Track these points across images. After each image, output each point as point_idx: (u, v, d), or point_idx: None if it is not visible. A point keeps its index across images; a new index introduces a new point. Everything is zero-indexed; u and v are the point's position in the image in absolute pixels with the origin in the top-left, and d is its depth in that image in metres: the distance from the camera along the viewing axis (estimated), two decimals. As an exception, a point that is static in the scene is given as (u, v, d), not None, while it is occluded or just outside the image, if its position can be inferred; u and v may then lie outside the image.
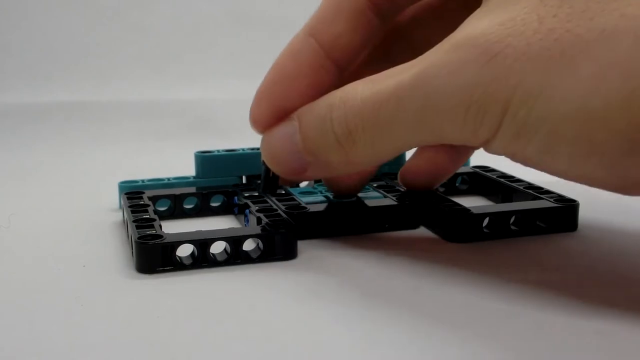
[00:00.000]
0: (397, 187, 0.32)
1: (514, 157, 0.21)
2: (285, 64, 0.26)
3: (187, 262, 0.25)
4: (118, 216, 0.32)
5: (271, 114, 0.26)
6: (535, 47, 0.19)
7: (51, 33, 0.63)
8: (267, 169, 0.27)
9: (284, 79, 0.26)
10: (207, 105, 0.61)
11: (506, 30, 0.20)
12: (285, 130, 0.25)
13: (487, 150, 0.21)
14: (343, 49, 0.26)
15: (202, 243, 0.25)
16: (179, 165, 0.38)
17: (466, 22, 0.22)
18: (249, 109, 0.26)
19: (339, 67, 0.26)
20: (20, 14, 0.64)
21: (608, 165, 0.19)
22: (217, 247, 0.26)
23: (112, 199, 0.34)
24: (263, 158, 0.26)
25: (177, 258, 0.25)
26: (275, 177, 0.27)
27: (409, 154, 0.30)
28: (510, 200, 0.32)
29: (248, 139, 0.49)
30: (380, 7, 0.26)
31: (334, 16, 0.25)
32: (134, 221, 0.27)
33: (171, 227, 0.29)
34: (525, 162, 0.21)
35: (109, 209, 0.33)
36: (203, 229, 0.26)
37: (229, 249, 0.26)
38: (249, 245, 0.26)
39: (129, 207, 0.29)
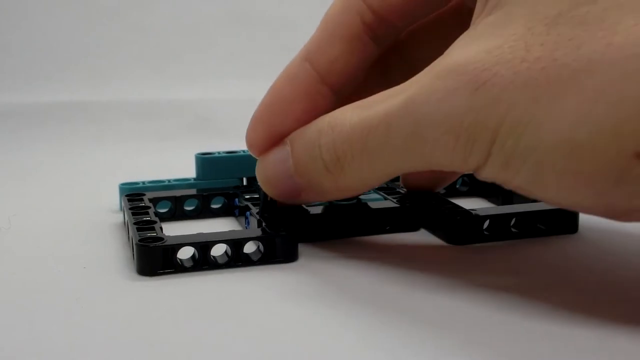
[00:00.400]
0: (397, 190, 0.32)
1: (505, 185, 0.21)
2: (282, 89, 0.26)
3: (188, 264, 0.25)
4: (118, 217, 0.32)
5: (267, 138, 0.26)
6: (522, 77, 0.19)
7: (51, 33, 0.63)
8: (265, 193, 0.27)
9: (280, 103, 0.26)
10: (207, 105, 0.61)
11: (494, 58, 0.20)
12: (278, 155, 0.25)
13: (478, 176, 0.21)
14: (339, 73, 0.26)
15: (203, 246, 0.25)
16: (179, 165, 0.38)
17: (453, 46, 0.22)
18: (245, 132, 0.26)
19: (335, 92, 0.26)
20: (20, 14, 0.64)
21: (597, 195, 0.19)
22: (218, 250, 0.26)
23: (112, 199, 0.34)
24: (258, 182, 0.27)
25: (178, 261, 0.25)
26: (273, 200, 0.27)
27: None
28: (511, 202, 0.32)
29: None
30: (376, 31, 0.26)
31: (330, 41, 0.26)
32: (134, 223, 0.27)
33: (172, 229, 0.29)
34: (516, 190, 0.21)
35: (109, 209, 0.33)
36: (204, 231, 0.26)
37: (229, 252, 0.26)
38: (249, 247, 0.26)
39: (130, 209, 0.29)
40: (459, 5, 0.27)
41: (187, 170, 0.35)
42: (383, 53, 0.27)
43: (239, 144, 0.36)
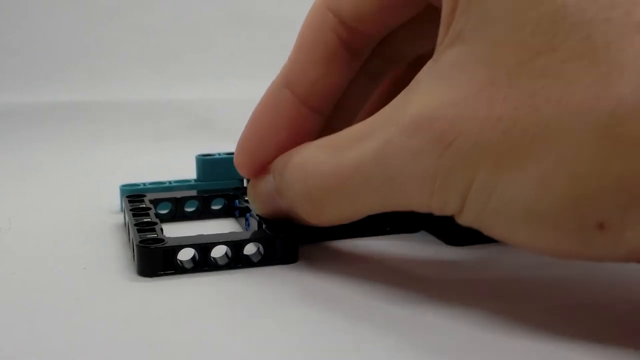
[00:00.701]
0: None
1: (484, 233, 0.21)
2: (262, 118, 0.26)
3: (188, 266, 0.25)
4: (119, 218, 0.32)
5: (252, 164, 0.26)
6: (485, 139, 0.19)
7: (51, 33, 0.63)
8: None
9: (262, 133, 0.26)
10: (207, 105, 0.61)
11: (458, 113, 0.20)
12: (266, 184, 0.26)
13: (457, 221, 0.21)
14: (320, 95, 0.26)
15: (204, 247, 0.25)
16: (179, 165, 0.38)
17: (418, 86, 0.21)
18: (234, 158, 0.27)
19: (318, 112, 0.26)
20: (20, 14, 0.64)
21: (569, 254, 0.19)
22: (218, 251, 0.26)
23: (113, 200, 0.34)
24: (250, 204, 0.28)
25: (179, 262, 0.25)
26: None
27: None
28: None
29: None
30: (353, 45, 0.25)
31: (307, 64, 0.25)
32: (135, 224, 0.27)
33: (172, 230, 0.29)
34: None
35: (110, 210, 0.33)
36: (204, 232, 0.26)
37: (230, 253, 0.26)
38: (250, 249, 0.26)
39: (131, 210, 0.29)
40: (429, 7, 0.25)
41: (187, 170, 0.35)
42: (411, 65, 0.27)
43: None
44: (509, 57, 0.19)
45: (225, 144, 0.37)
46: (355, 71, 0.26)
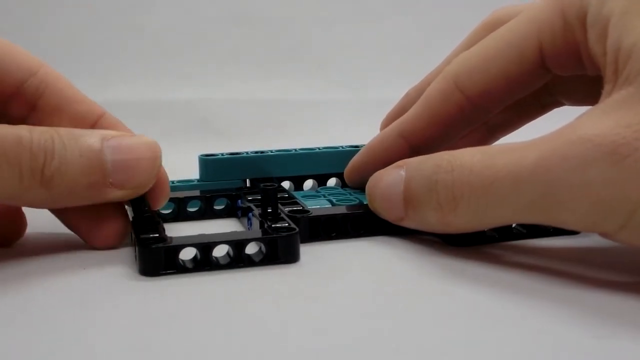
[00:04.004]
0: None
1: (633, 247, 0.22)
2: (374, 151, 0.31)
3: (190, 265, 0.25)
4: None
5: (359, 182, 0.32)
6: None
7: (51, 33, 0.63)
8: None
9: (373, 160, 0.31)
10: (207, 105, 0.61)
11: (634, 134, 0.20)
12: (392, 177, 0.27)
13: (605, 238, 0.22)
14: (429, 146, 0.29)
15: (205, 246, 0.25)
16: (179, 165, 0.38)
17: (582, 118, 0.22)
18: (344, 172, 0.33)
19: (420, 153, 0.28)
20: (20, 14, 0.64)
21: None
22: (220, 251, 0.26)
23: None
24: (368, 196, 0.28)
25: (180, 261, 0.25)
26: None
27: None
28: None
29: (249, 139, 0.49)
30: (470, 117, 0.29)
31: (427, 125, 0.29)
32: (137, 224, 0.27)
33: (175, 230, 0.29)
34: None
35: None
36: (206, 232, 0.26)
37: (231, 253, 0.26)
38: (251, 248, 0.26)
39: (133, 209, 0.29)
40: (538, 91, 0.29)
41: (188, 170, 0.35)
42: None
43: (240, 143, 0.36)
44: None
45: (227, 144, 0.37)
46: (466, 131, 0.30)
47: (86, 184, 0.25)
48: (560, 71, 0.26)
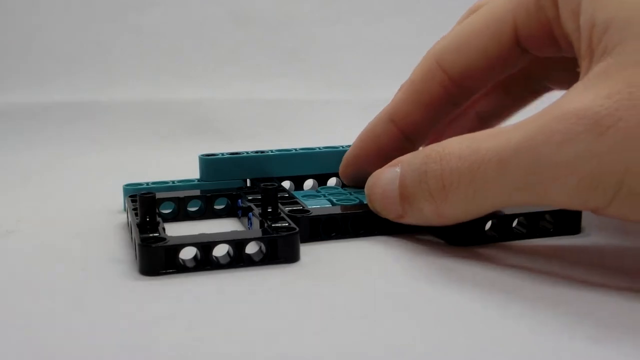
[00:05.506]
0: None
1: (625, 220, 0.21)
2: (367, 141, 0.31)
3: (190, 264, 0.25)
4: (122, 218, 0.32)
5: (354, 176, 0.32)
6: None
7: (51, 33, 0.63)
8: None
9: (366, 151, 0.31)
10: (207, 105, 0.61)
11: (615, 104, 0.20)
12: (388, 176, 0.27)
13: (595, 213, 0.22)
14: (420, 130, 0.30)
15: (205, 246, 0.25)
16: (180, 164, 0.38)
17: (567, 94, 0.22)
18: (339, 170, 0.32)
19: (412, 141, 0.30)
20: (20, 14, 0.64)
21: None
22: (220, 250, 0.26)
23: (115, 200, 0.34)
24: (367, 197, 0.28)
25: (180, 261, 0.25)
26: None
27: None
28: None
29: (249, 139, 0.49)
30: (456, 97, 0.29)
31: (413, 107, 0.29)
32: (137, 224, 0.27)
33: (175, 230, 0.29)
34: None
35: (113, 210, 0.33)
36: (207, 231, 0.26)
37: (231, 252, 0.26)
38: (251, 248, 0.26)
39: (133, 209, 0.29)
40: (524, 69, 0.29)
41: (188, 169, 0.35)
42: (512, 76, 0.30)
43: (240, 142, 0.36)
44: None
45: (227, 144, 0.37)
46: (453, 113, 0.30)
47: None
48: (536, 51, 0.27)
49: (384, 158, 0.28)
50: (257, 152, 0.34)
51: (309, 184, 0.35)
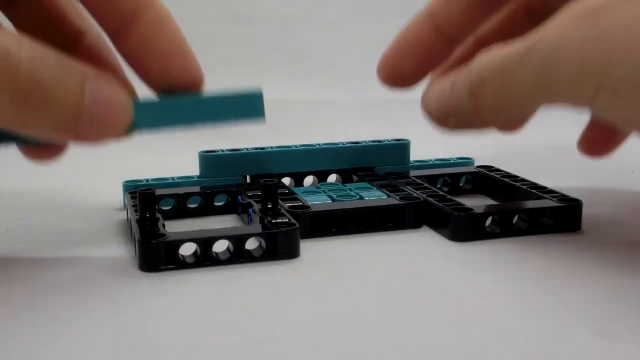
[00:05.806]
0: (400, 187, 0.32)
1: (614, 124, 0.22)
2: (406, 36, 0.30)
3: (190, 260, 0.25)
4: (122, 215, 0.32)
5: (390, 76, 0.30)
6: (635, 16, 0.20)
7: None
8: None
9: (403, 48, 0.30)
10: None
11: None
12: (445, 81, 0.28)
13: (589, 110, 0.22)
14: (456, 29, 0.30)
15: (205, 242, 0.25)
16: (180, 161, 0.38)
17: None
18: (376, 67, 0.31)
19: (448, 44, 0.30)
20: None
21: None
22: (220, 246, 0.26)
23: (116, 197, 0.34)
24: (422, 99, 0.28)
25: (180, 257, 0.25)
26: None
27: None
28: (514, 200, 0.32)
29: (249, 139, 0.49)
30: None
31: (451, 4, 0.29)
32: (137, 220, 0.27)
33: (175, 226, 0.29)
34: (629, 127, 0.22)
35: (113, 207, 0.33)
36: (206, 228, 0.26)
37: (231, 248, 0.26)
38: (251, 244, 0.26)
39: (133, 206, 0.29)
40: None
41: (189, 167, 0.35)
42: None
43: (240, 141, 0.36)
44: None
45: (227, 141, 0.37)
46: (487, 17, 0.30)
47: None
48: None
49: (419, 58, 0.29)
50: (257, 148, 0.34)
51: (308, 180, 0.35)
